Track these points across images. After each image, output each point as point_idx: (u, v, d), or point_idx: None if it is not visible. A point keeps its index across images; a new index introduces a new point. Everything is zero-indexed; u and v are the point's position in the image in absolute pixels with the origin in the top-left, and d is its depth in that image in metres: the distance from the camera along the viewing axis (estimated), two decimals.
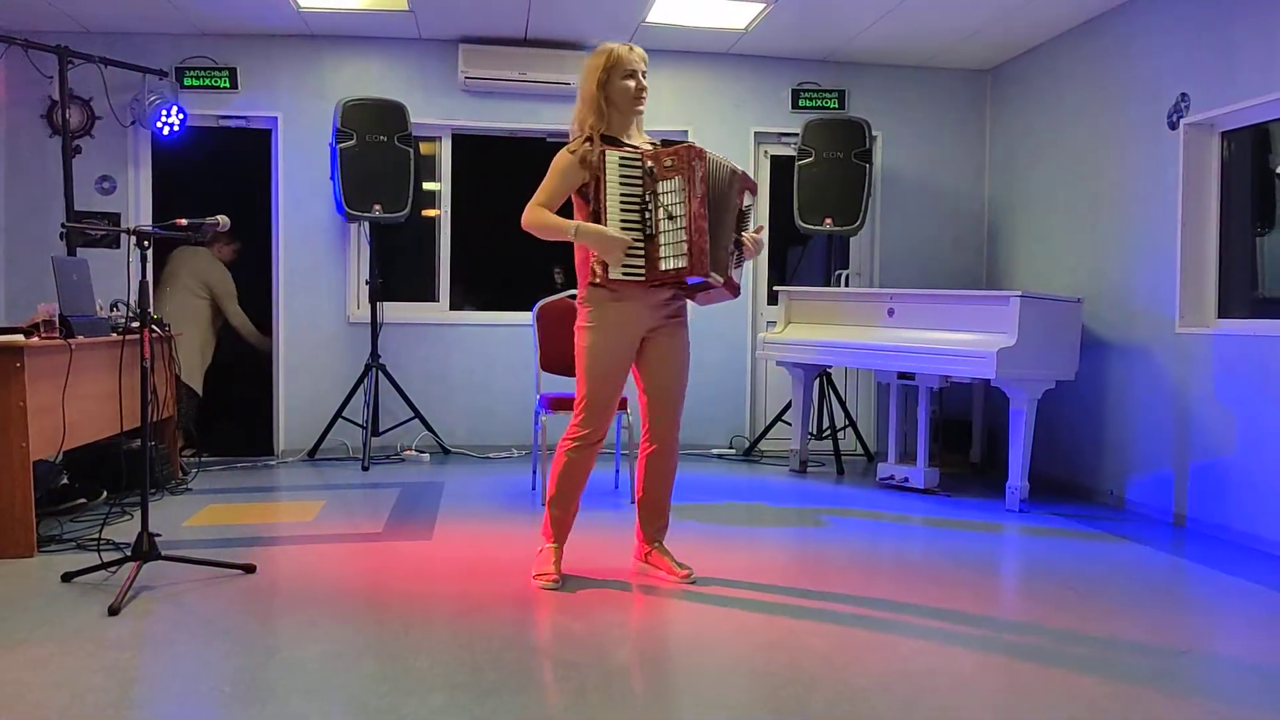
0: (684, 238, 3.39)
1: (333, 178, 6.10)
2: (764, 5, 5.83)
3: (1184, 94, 5.01)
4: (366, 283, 6.37)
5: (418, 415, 6.44)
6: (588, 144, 3.49)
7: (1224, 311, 4.99)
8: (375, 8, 5.97)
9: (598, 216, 3.46)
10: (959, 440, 6.56)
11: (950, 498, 5.49)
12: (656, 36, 6.51)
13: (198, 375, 6.38)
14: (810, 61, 6.97)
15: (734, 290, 3.61)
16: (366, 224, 6.24)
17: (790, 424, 6.40)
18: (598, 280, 3.50)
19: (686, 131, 6.91)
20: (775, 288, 6.66)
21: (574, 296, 5.49)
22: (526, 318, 5.53)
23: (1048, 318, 5.18)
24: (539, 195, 3.54)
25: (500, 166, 7.25)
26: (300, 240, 6.53)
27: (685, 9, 5.97)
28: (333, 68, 6.54)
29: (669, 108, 6.87)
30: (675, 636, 3.19)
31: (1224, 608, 3.67)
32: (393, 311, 6.58)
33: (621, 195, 3.45)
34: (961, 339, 5.23)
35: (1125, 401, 5.45)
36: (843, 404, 6.69)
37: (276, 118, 6.49)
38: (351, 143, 5.99)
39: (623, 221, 3.44)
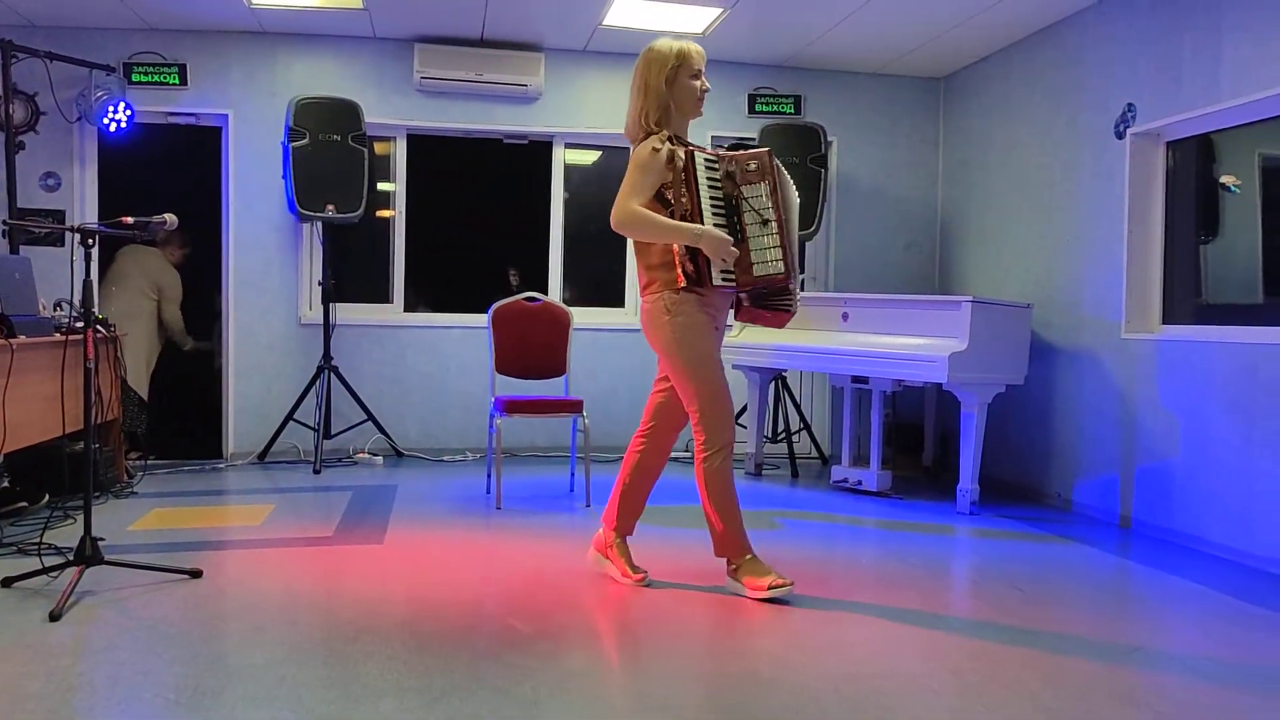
0: (778, 243, 3.39)
1: (285, 177, 6.02)
2: (721, 10, 5.85)
3: (1130, 104, 5.10)
4: (319, 283, 6.30)
5: (370, 418, 6.37)
6: (670, 143, 3.41)
7: (1168, 318, 5.08)
8: (329, 5, 5.91)
9: (686, 219, 3.39)
10: (912, 443, 6.63)
11: (903, 500, 5.54)
12: (613, 39, 6.51)
13: (144, 380, 6.26)
14: (767, 67, 7.00)
15: (794, 312, 3.57)
16: (319, 224, 6.17)
17: (745, 427, 6.42)
18: (689, 286, 3.41)
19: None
20: None
21: (531, 300, 5.51)
22: (482, 320, 5.50)
23: (998, 323, 5.25)
24: (635, 194, 3.39)
25: (456, 167, 7.22)
26: (251, 240, 6.44)
27: (642, 12, 5.97)
28: (285, 65, 6.46)
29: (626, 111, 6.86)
30: (627, 639, 3.18)
31: (1169, 608, 3.73)
32: (346, 313, 6.51)
33: (710, 198, 3.40)
34: (914, 343, 5.28)
35: (1073, 406, 5.54)
36: (798, 407, 6.73)
37: (227, 115, 6.40)
38: (304, 141, 5.92)
39: (714, 225, 3.39)
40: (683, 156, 3.39)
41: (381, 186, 6.76)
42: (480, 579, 3.80)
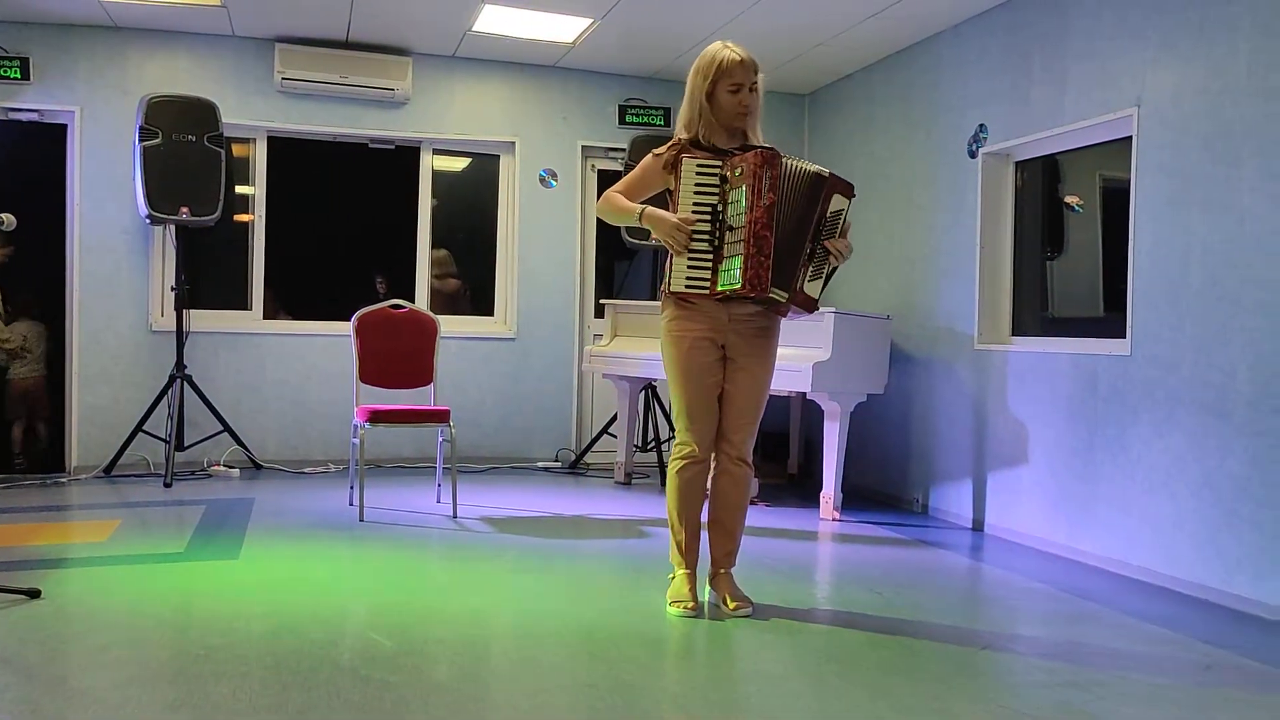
0: (739, 251, 3.22)
1: (135, 177, 5.75)
2: (591, 20, 5.87)
3: (983, 125, 5.33)
4: (171, 289, 6.04)
5: (226, 428, 6.13)
6: (672, 148, 3.38)
7: (1018, 330, 5.33)
8: (185, 1, 5.68)
9: None
10: (777, 451, 6.76)
11: (769, 507, 5.64)
12: (483, 45, 6.46)
13: None
14: (637, 78, 7.06)
15: (807, 306, 3.36)
16: (172, 227, 5.92)
17: (615, 436, 6.44)
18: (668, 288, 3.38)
19: (514, 143, 6.88)
20: (601, 301, 6.70)
21: (396, 307, 5.41)
22: (345, 328, 5.36)
23: (860, 334, 5.40)
24: (617, 185, 3.50)
25: (320, 171, 7.03)
26: (98, 243, 6.12)
27: (512, 20, 5.94)
28: (137, 62, 6.18)
29: (497, 118, 6.83)
30: (493, 652, 3.14)
31: (1017, 607, 3.90)
32: (201, 320, 6.25)
33: (695, 204, 3.30)
34: (780, 353, 5.36)
35: (930, 414, 5.74)
36: (667, 417, 6.77)
37: (74, 112, 6.08)
38: (157, 141, 5.66)
39: (694, 231, 3.29)
40: (675, 160, 3.36)
41: (240, 189, 6.53)
42: (341, 593, 3.70)
